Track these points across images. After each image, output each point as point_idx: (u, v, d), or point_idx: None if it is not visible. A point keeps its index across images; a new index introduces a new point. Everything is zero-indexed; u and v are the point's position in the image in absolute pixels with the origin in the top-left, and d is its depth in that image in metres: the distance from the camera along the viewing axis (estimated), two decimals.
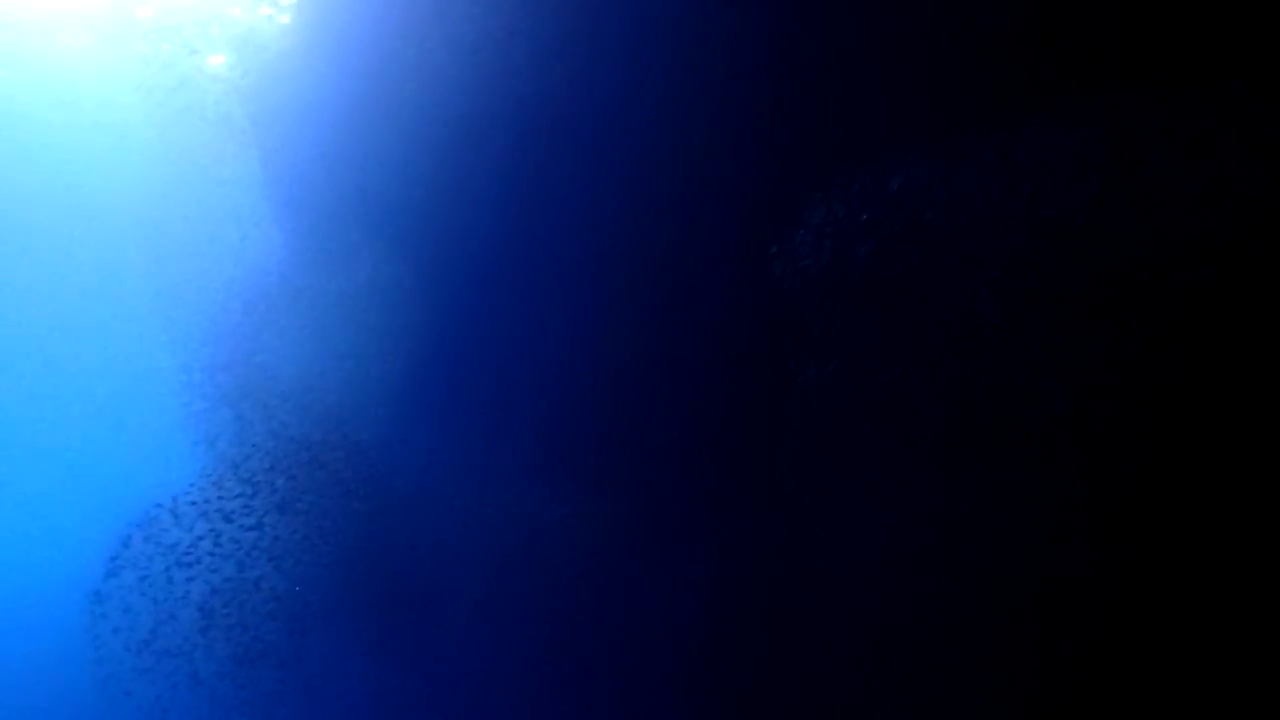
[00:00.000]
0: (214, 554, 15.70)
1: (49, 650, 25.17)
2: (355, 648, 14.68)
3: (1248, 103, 5.67)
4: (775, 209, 8.97)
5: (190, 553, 16.09)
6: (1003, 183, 7.23)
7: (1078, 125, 6.61)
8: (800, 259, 8.96)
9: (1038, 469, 7.73)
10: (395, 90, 12.12)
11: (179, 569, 16.40)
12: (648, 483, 10.92)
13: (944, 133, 7.38)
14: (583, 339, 11.40)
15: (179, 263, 20.23)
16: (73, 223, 25.97)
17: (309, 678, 15.17)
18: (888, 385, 8.72)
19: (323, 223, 14.11)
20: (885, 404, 8.80)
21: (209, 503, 15.72)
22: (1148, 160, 6.27)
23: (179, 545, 16.42)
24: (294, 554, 14.97)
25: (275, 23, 14.40)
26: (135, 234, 24.47)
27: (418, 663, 13.85)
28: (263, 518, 15.23)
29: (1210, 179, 6.02)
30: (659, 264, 10.34)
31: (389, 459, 13.98)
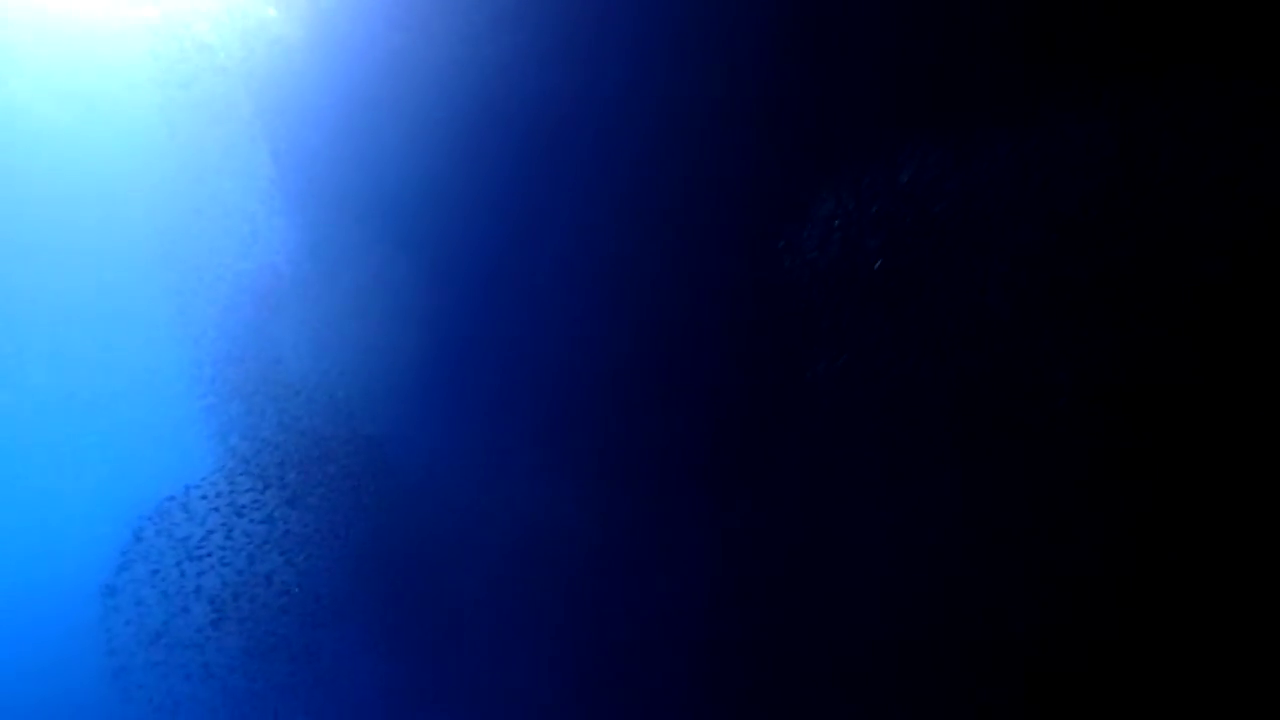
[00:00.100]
0: (225, 548, 15.83)
1: (63, 643, 25.52)
2: (366, 641, 14.83)
3: (1259, 95, 5.68)
4: (784, 201, 9.00)
5: (201, 546, 16.20)
6: (1013, 175, 7.25)
7: (1089, 117, 6.62)
8: (809, 252, 8.99)
9: (1048, 462, 7.74)
10: (404, 85, 12.18)
11: (190, 562, 16.52)
12: (656, 476, 10.99)
13: (954, 125, 7.41)
14: (590, 333, 11.46)
15: (189, 257, 20.39)
16: (85, 218, 26.26)
17: (321, 671, 15.33)
18: (897, 378, 8.75)
19: (332, 217, 14.21)
20: (895, 397, 8.83)
21: (220, 496, 15.85)
22: (1159, 153, 6.29)
23: (190, 539, 16.53)
24: (305, 548, 15.12)
25: (285, 18, 14.49)
26: (146, 228, 24.71)
27: (428, 656, 13.98)
28: (274, 512, 15.36)
29: (1222, 171, 6.03)
30: (667, 258, 10.38)
31: (399, 453, 14.10)
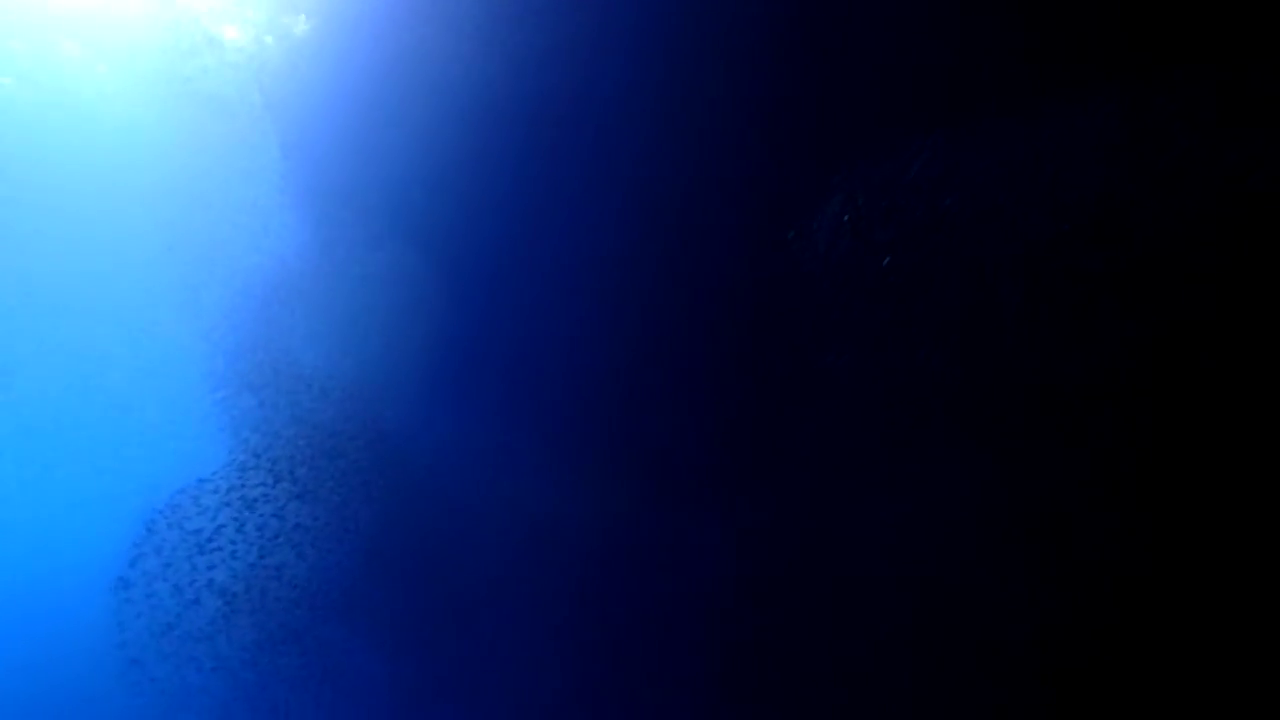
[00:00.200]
0: (236, 541, 16.00)
1: (76, 635, 25.84)
2: (376, 634, 14.95)
3: (1270, 85, 5.69)
4: (794, 195, 9.03)
5: (213, 539, 16.37)
6: (1023, 167, 7.26)
7: (1098, 109, 6.63)
8: (819, 245, 9.02)
9: (1059, 454, 7.75)
10: (414, 80, 12.25)
11: (202, 555, 16.70)
12: (664, 471, 11.04)
13: (964, 117, 7.42)
14: (600, 325, 11.51)
15: (201, 252, 20.57)
16: (97, 213, 26.48)
17: (330, 663, 15.48)
18: (907, 371, 8.77)
19: (342, 211, 14.31)
20: (905, 390, 8.85)
21: (231, 490, 16.02)
22: (1169, 143, 6.30)
23: (202, 532, 16.70)
24: (315, 541, 15.25)
25: (295, 13, 14.60)
26: (159, 224, 24.91)
27: (436, 649, 14.08)
28: (284, 505, 15.50)
29: (1232, 162, 6.04)
30: (677, 252, 10.42)
31: (408, 446, 14.19)
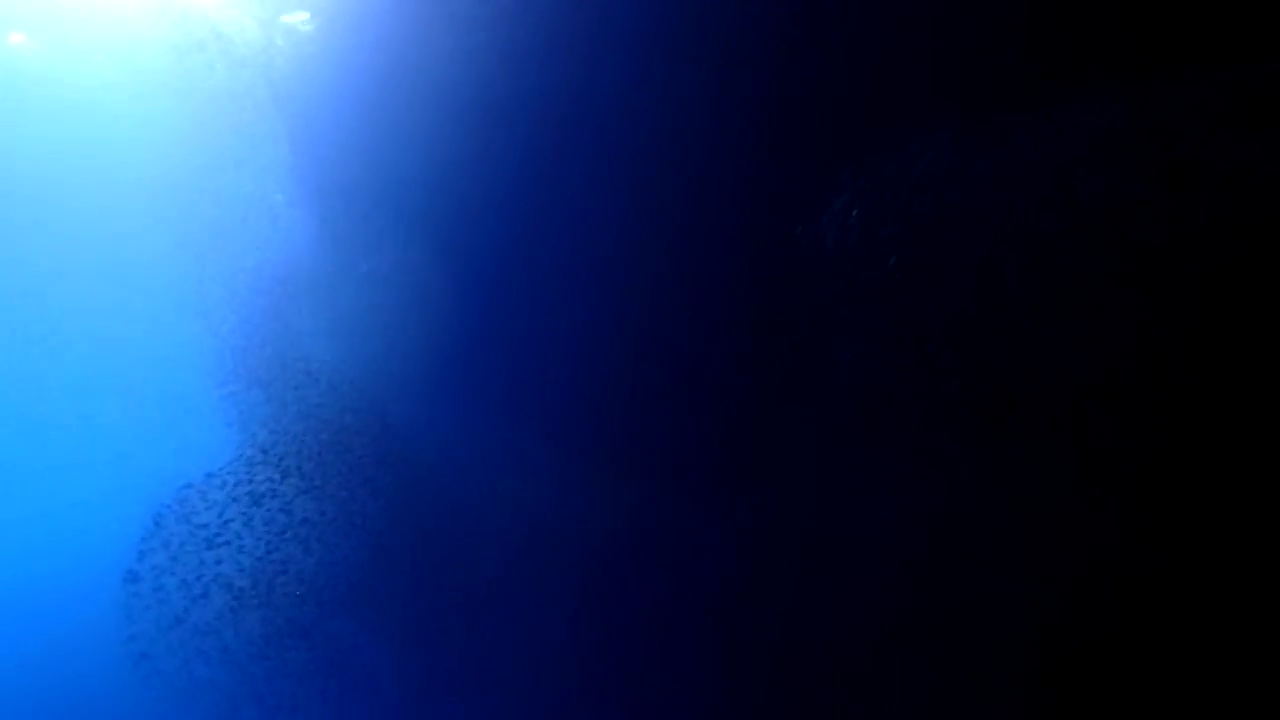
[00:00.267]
0: (243, 535, 16.12)
1: (86, 627, 26.06)
2: (383, 628, 15.07)
3: (1279, 83, 5.71)
4: (801, 191, 9.07)
5: (220, 534, 16.49)
6: (1031, 164, 7.30)
7: (1107, 106, 6.66)
8: (826, 242, 9.06)
9: (1070, 449, 7.77)
10: (423, 76, 12.31)
11: (209, 550, 16.81)
12: (672, 466, 11.10)
13: (972, 114, 7.46)
14: (605, 323, 11.57)
15: (210, 246, 20.67)
16: (106, 207, 26.65)
17: (338, 657, 15.61)
18: (915, 368, 8.81)
19: (351, 206, 14.40)
20: (915, 386, 8.88)
21: (239, 485, 16.13)
22: (1178, 141, 6.33)
23: (209, 526, 16.81)
24: (322, 536, 15.37)
25: (304, 7, 14.67)
26: (166, 219, 25.05)
27: (443, 643, 14.19)
28: (291, 501, 15.62)
29: (1244, 158, 6.06)
30: (682, 249, 10.47)
31: (415, 441, 14.29)
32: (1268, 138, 5.86)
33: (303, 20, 14.61)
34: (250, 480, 15.97)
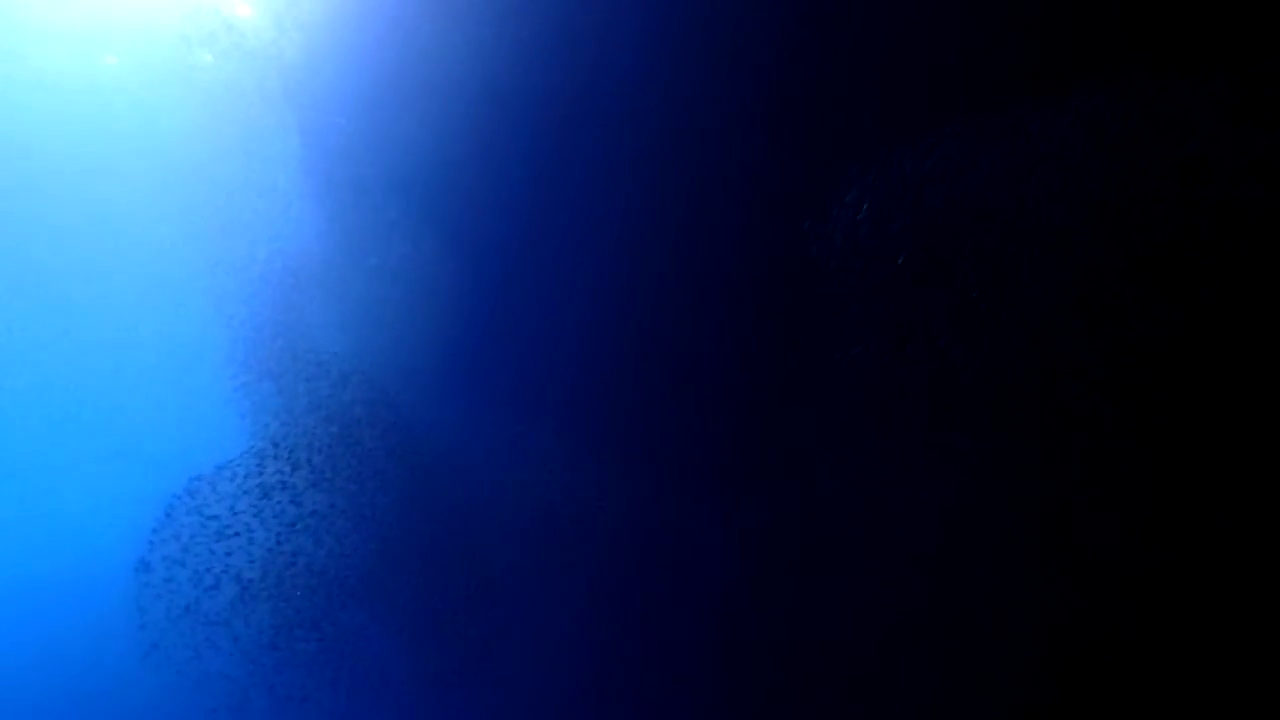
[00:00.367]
0: (253, 527, 16.28)
1: (99, 616, 26.38)
2: (393, 619, 15.21)
3: None
4: (811, 186, 9.10)
5: (229, 526, 16.66)
6: (1044, 157, 7.33)
7: (1118, 99, 6.69)
8: (837, 237, 9.10)
9: (1080, 444, 7.78)
10: (433, 67, 12.38)
11: (219, 541, 16.98)
12: (681, 458, 11.16)
13: (984, 107, 7.49)
14: (615, 316, 11.63)
15: (221, 238, 20.83)
16: (117, 199, 26.85)
17: (348, 648, 15.77)
18: (926, 362, 8.83)
19: (361, 199, 14.50)
20: (925, 380, 8.90)
21: (249, 478, 16.30)
22: (1190, 134, 6.36)
23: (219, 517, 16.98)
24: (332, 528, 15.52)
25: (313, 1, 14.75)
26: (179, 210, 25.24)
27: (453, 635, 14.31)
28: (301, 493, 15.77)
29: (1255, 152, 6.09)
30: (693, 243, 10.51)
31: (425, 433, 14.39)
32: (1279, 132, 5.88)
33: (313, 13, 14.70)
34: (260, 472, 16.11)
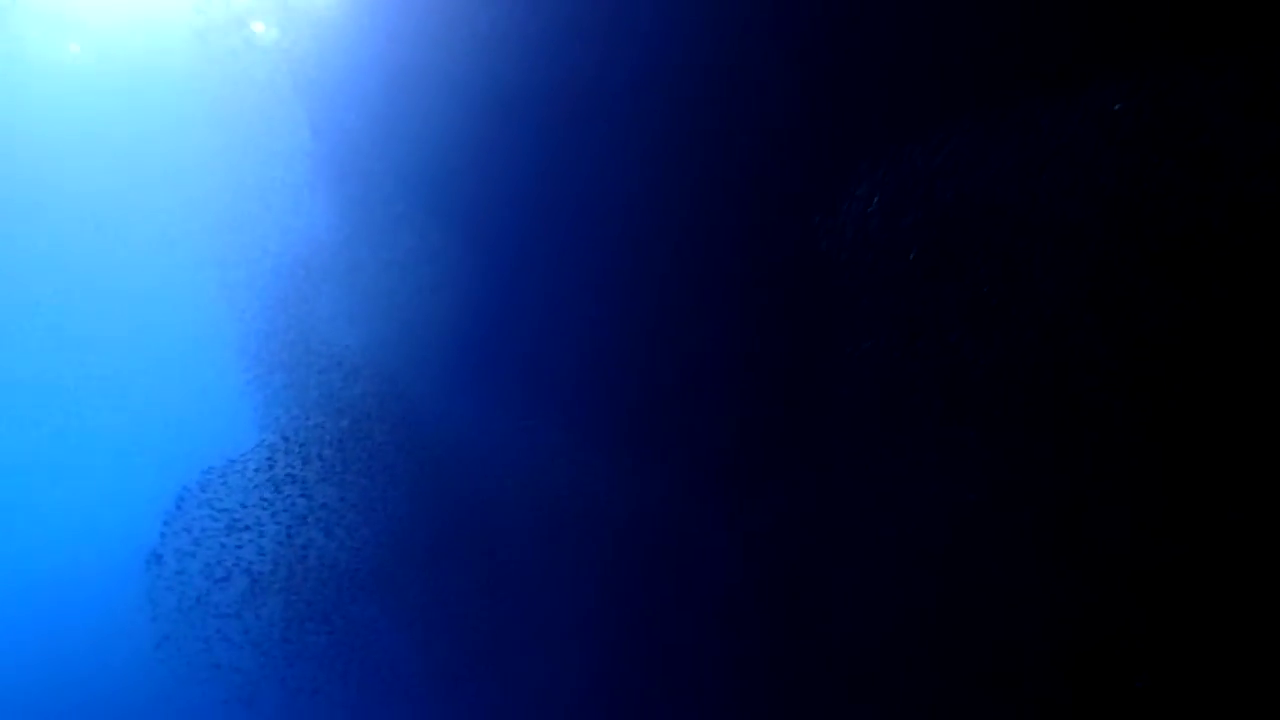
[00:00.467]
0: (264, 520, 16.46)
1: (111, 609, 26.70)
2: (403, 612, 15.37)
3: None
4: (821, 181, 9.14)
5: (240, 519, 16.84)
6: (1056, 151, 7.35)
7: (1131, 92, 6.72)
8: (847, 231, 9.14)
9: (1093, 438, 7.80)
10: (443, 61, 12.47)
11: (230, 534, 17.17)
12: (693, 451, 11.23)
13: (994, 102, 7.51)
14: (624, 310, 11.70)
15: (233, 232, 21.01)
16: (129, 193, 27.12)
17: (359, 641, 15.95)
18: (939, 356, 8.85)
19: (372, 192, 14.62)
20: (936, 375, 8.93)
21: (260, 471, 16.47)
22: (1203, 127, 6.38)
23: (230, 510, 17.16)
24: (343, 521, 15.69)
25: None
26: (190, 204, 25.46)
27: (463, 628, 14.46)
28: (311, 487, 15.93)
29: (1268, 145, 6.10)
30: (705, 236, 10.56)
31: (435, 426, 14.52)
32: None
33: (324, 6, 14.82)
34: (271, 466, 16.28)
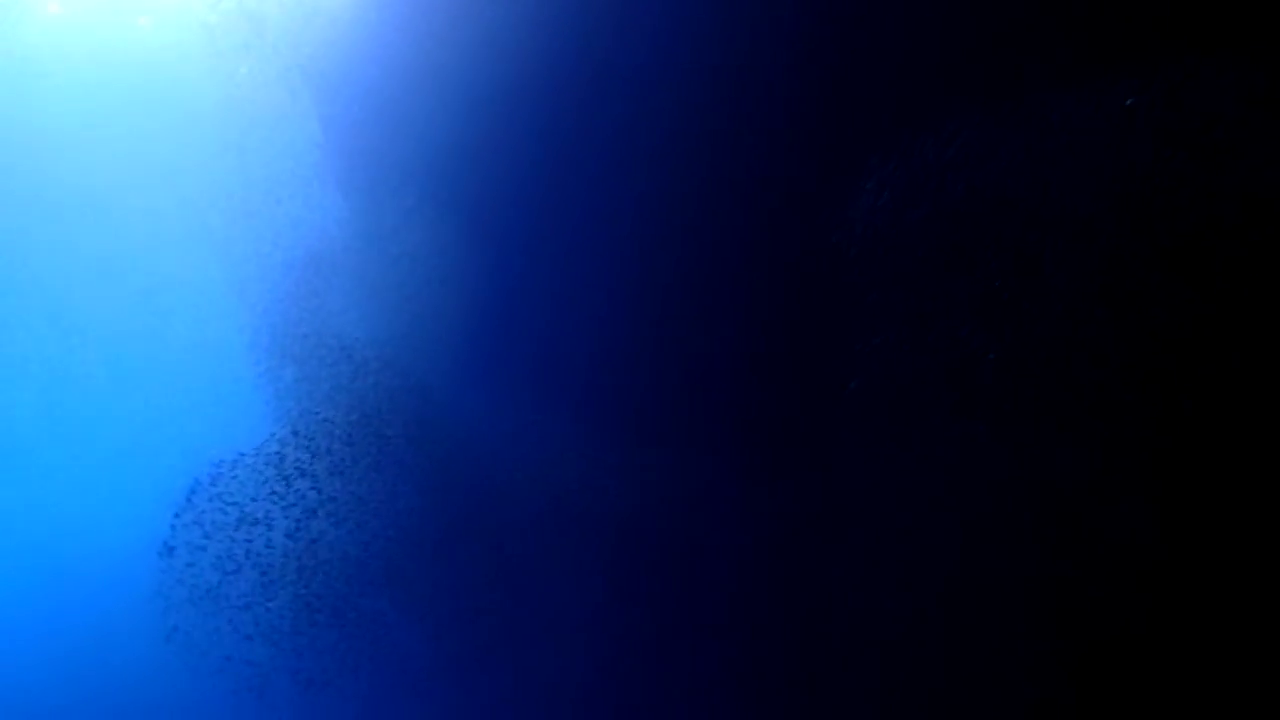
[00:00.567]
0: (274, 513, 16.65)
1: (121, 602, 27.04)
2: (413, 605, 15.51)
3: None
4: (831, 174, 9.17)
5: (250, 512, 17.03)
6: (1067, 145, 7.38)
7: (1144, 86, 6.74)
8: (857, 226, 9.18)
9: (1103, 433, 7.82)
10: (453, 55, 12.55)
11: (240, 527, 17.37)
12: (703, 446, 11.30)
13: (1007, 94, 7.55)
14: (634, 303, 11.77)
15: (243, 225, 21.20)
16: (142, 187, 27.34)
17: (369, 634, 16.13)
18: (949, 350, 8.89)
19: (382, 185, 14.73)
20: (946, 370, 8.96)
21: (269, 466, 16.67)
22: (1216, 120, 6.40)
23: (240, 503, 17.36)
24: (353, 514, 15.85)
25: None
26: (202, 197, 25.67)
27: (473, 619, 14.59)
28: (321, 480, 16.10)
29: None
30: (714, 229, 10.62)
31: (445, 418, 14.64)
32: None
33: (334, 1, 14.93)
34: (281, 460, 16.47)
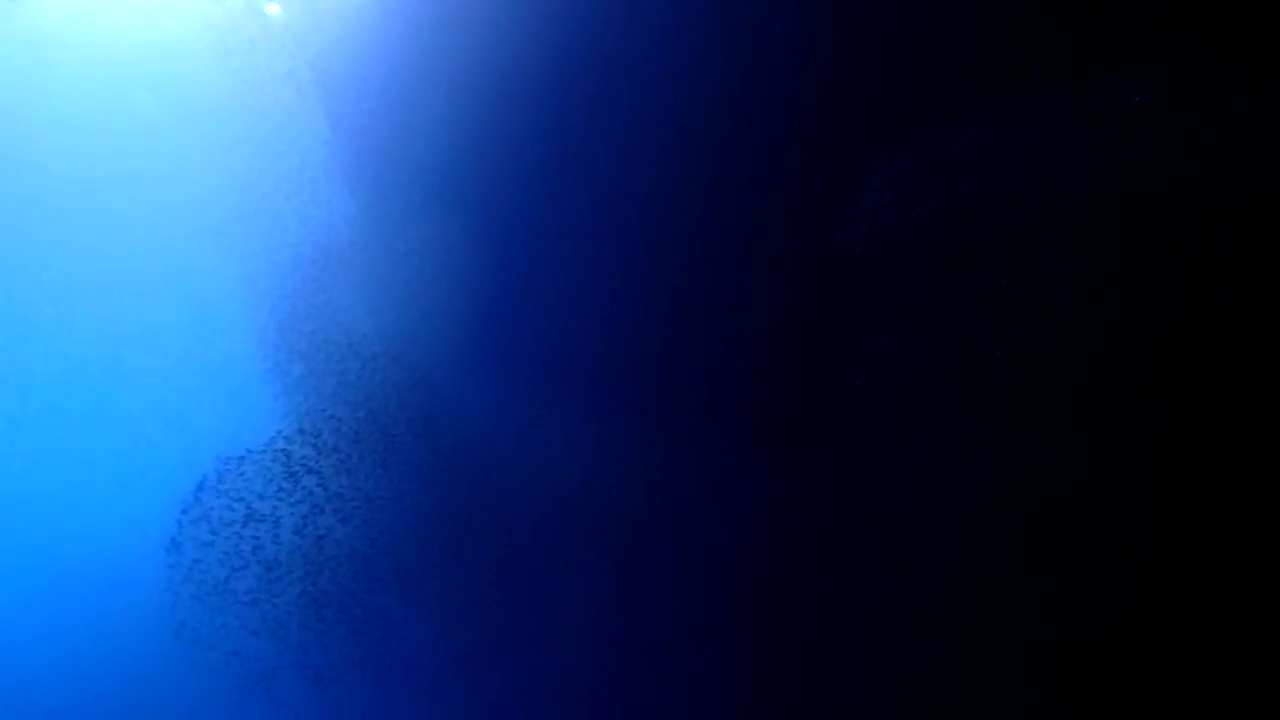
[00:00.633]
0: (280, 510, 16.78)
1: (130, 597, 27.24)
2: (421, 601, 15.61)
3: None
4: (836, 172, 9.21)
5: (257, 509, 17.16)
6: (1073, 142, 7.42)
7: (1150, 83, 6.77)
8: (862, 223, 9.22)
9: (1109, 433, 7.84)
10: (459, 53, 12.62)
11: (247, 524, 17.50)
12: (709, 443, 11.36)
13: (1012, 91, 7.58)
14: (640, 300, 11.83)
15: (251, 222, 21.33)
16: (149, 184, 27.49)
17: (376, 629, 16.24)
18: (954, 348, 8.92)
19: (389, 181, 14.82)
20: (952, 369, 9.00)
21: (276, 462, 16.80)
22: (1223, 115, 6.43)
23: (248, 500, 17.49)
24: (359, 510, 15.96)
25: None
26: (211, 194, 25.81)
27: (480, 615, 14.69)
28: (328, 477, 16.22)
29: None
30: (720, 226, 10.66)
31: (452, 414, 14.73)
32: None
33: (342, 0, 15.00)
34: (288, 456, 16.60)
